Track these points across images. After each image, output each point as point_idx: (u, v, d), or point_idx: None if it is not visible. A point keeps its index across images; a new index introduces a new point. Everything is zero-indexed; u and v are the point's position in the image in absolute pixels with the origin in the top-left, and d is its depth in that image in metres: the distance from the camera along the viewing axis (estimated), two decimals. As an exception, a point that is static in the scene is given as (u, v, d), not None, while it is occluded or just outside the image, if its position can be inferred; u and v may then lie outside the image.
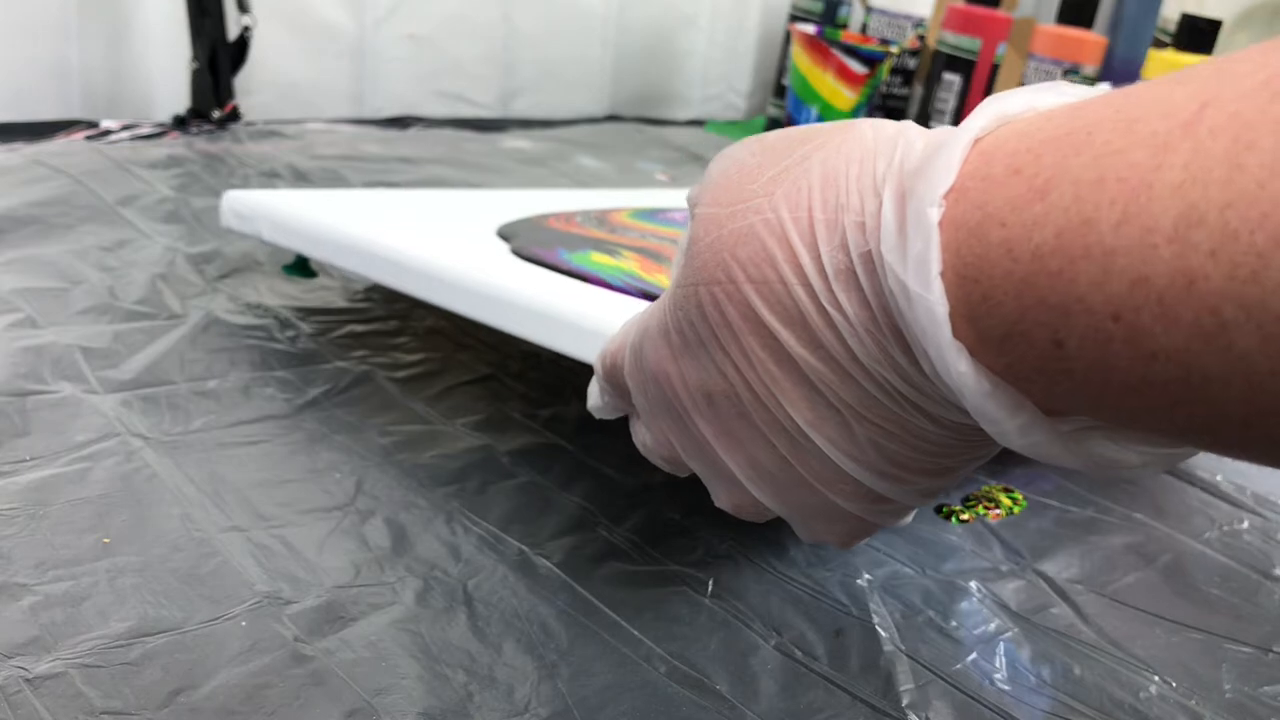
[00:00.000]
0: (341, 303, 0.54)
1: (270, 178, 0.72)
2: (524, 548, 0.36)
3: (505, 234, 0.48)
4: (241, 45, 0.82)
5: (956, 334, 0.19)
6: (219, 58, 0.81)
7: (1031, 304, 0.17)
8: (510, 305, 0.37)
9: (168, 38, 0.80)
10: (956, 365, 0.19)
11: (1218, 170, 0.15)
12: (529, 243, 0.46)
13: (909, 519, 0.26)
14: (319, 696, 0.28)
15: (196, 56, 0.81)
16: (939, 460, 0.23)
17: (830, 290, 0.21)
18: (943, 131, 0.20)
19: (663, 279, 0.41)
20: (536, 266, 0.42)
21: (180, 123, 0.81)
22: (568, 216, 0.52)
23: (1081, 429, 0.20)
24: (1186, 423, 0.17)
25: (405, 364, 0.48)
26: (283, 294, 0.54)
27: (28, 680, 0.27)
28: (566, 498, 0.39)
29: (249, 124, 0.84)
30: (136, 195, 0.64)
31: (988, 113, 0.19)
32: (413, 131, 0.92)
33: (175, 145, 0.76)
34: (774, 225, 0.21)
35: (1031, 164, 0.18)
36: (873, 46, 0.86)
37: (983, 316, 0.18)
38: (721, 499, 0.26)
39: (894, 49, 0.87)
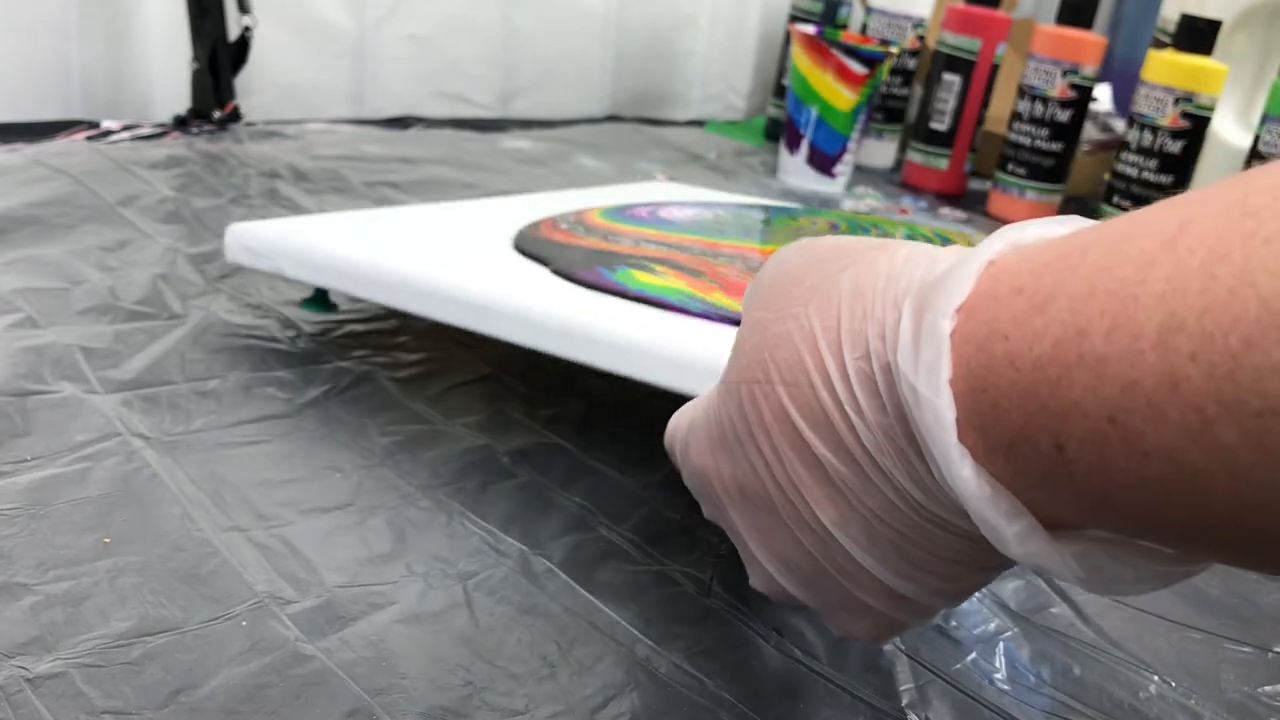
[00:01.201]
0: (341, 302, 0.54)
1: (271, 178, 0.72)
2: (524, 548, 0.36)
3: (524, 249, 0.47)
4: (242, 45, 0.82)
5: (964, 441, 0.20)
6: (219, 58, 0.81)
7: (1034, 411, 0.19)
8: (600, 341, 0.37)
9: (168, 38, 0.80)
10: (960, 469, 0.20)
11: (1195, 281, 0.16)
12: (566, 263, 0.45)
13: (935, 620, 0.27)
14: (319, 696, 0.28)
15: (197, 57, 0.81)
16: (955, 568, 0.24)
17: (853, 396, 0.22)
18: (963, 253, 0.22)
19: (720, 297, 0.41)
20: (588, 290, 0.42)
21: (181, 123, 0.81)
22: (555, 223, 0.52)
23: (1084, 544, 0.21)
24: (1181, 521, 0.18)
25: (405, 364, 0.48)
26: (283, 294, 0.54)
27: (28, 680, 0.27)
28: (566, 498, 0.39)
29: (249, 124, 0.84)
30: (137, 195, 0.64)
31: (1004, 239, 0.21)
32: (413, 132, 0.92)
33: (176, 145, 0.76)
34: (807, 332, 0.23)
35: (1032, 283, 0.19)
36: (873, 47, 0.86)
37: (990, 425, 0.20)
38: (757, 582, 0.28)
39: (894, 49, 0.87)
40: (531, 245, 0.48)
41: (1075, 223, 0.21)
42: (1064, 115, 0.86)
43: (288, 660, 0.29)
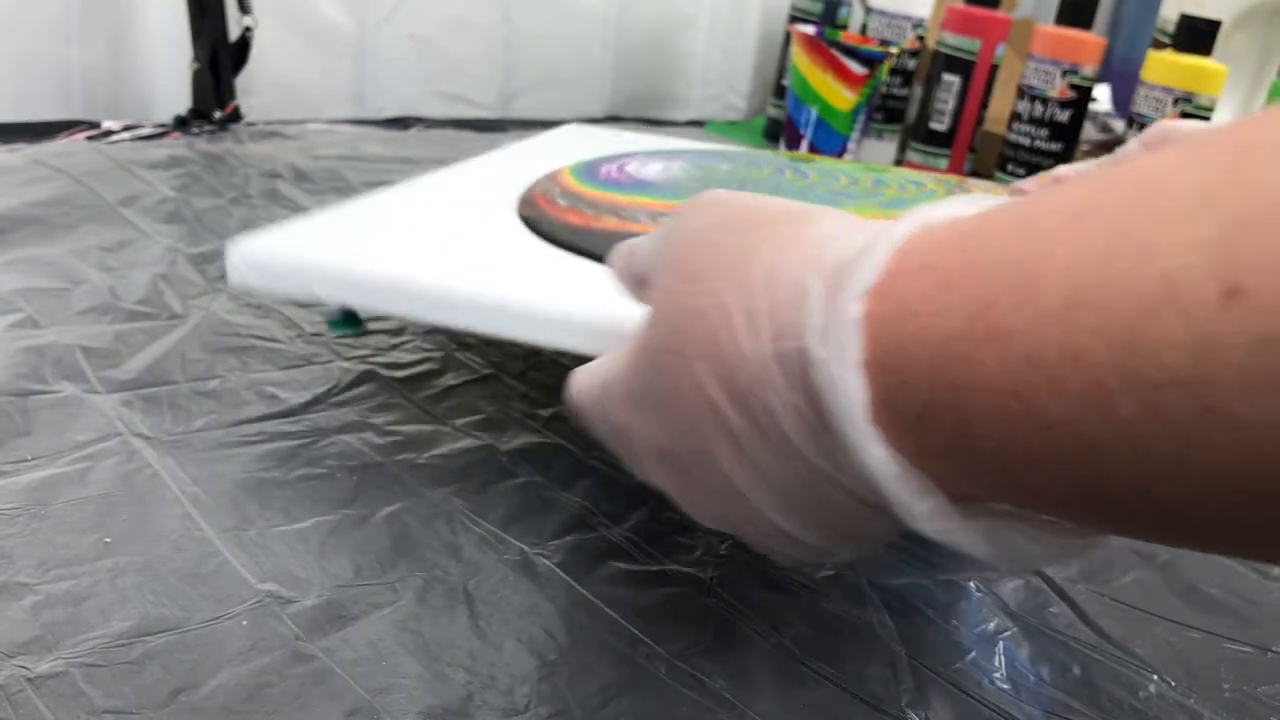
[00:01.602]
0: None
1: (271, 178, 0.72)
2: (524, 547, 0.36)
3: (546, 233, 0.45)
4: (242, 46, 0.82)
5: (875, 421, 0.20)
6: (220, 58, 0.81)
7: (942, 387, 0.19)
8: None
9: (169, 38, 0.80)
10: (872, 449, 0.20)
11: (1097, 256, 0.17)
12: (596, 251, 0.41)
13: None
14: (320, 696, 0.28)
15: (197, 57, 0.81)
16: (867, 532, 0.25)
17: (768, 376, 0.22)
18: (878, 231, 0.22)
19: None
20: None
21: (181, 123, 0.81)
22: (547, 196, 0.48)
23: (990, 520, 0.21)
24: (1083, 494, 0.18)
25: (405, 363, 0.48)
26: (283, 294, 0.54)
27: (29, 679, 0.27)
28: (566, 498, 0.39)
29: (250, 124, 0.84)
30: (138, 195, 0.64)
31: (913, 220, 0.22)
32: (413, 132, 0.92)
33: (176, 146, 0.76)
34: (724, 310, 0.23)
35: (942, 261, 0.20)
36: (872, 47, 0.86)
37: (899, 400, 0.20)
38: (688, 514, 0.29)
39: (893, 50, 0.87)
40: (549, 228, 0.45)
41: (985, 202, 0.22)
42: (1063, 115, 0.86)
43: (288, 660, 0.29)
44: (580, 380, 0.30)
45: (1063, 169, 0.60)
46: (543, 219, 0.46)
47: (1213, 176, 0.16)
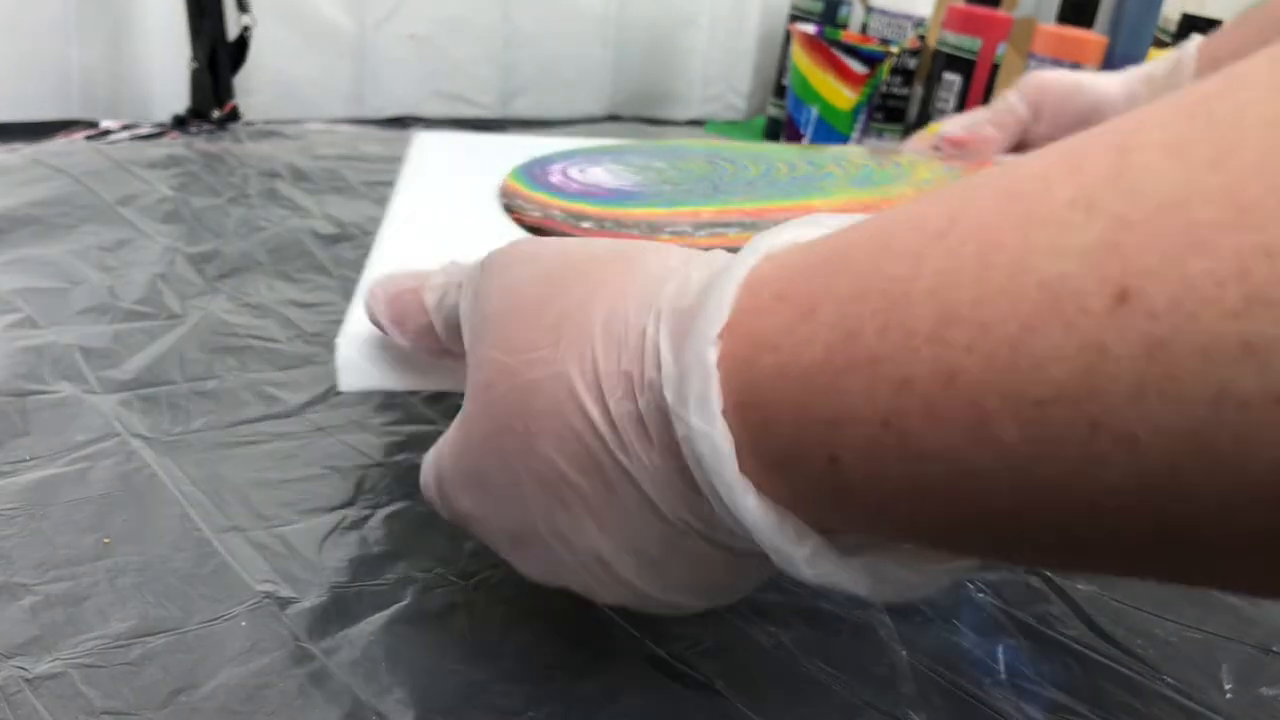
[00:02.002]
0: (341, 301, 0.54)
1: (270, 177, 0.72)
2: (524, 548, 0.36)
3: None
4: (241, 45, 0.82)
5: (742, 468, 0.19)
6: (219, 57, 0.81)
7: (807, 423, 0.18)
8: None
9: (167, 37, 0.80)
10: (743, 499, 0.19)
11: (968, 271, 0.16)
12: None
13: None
14: (319, 696, 0.28)
15: (196, 56, 0.81)
16: (743, 580, 0.24)
17: (620, 440, 0.21)
18: (718, 262, 0.21)
19: None
20: None
21: (180, 122, 0.81)
22: (512, 204, 0.44)
23: (868, 558, 0.20)
24: (961, 524, 0.17)
25: (405, 364, 0.48)
26: (282, 294, 0.54)
27: (27, 680, 0.27)
28: (566, 498, 0.39)
29: (249, 124, 0.84)
30: (136, 195, 0.64)
31: (756, 250, 0.20)
32: (413, 132, 0.92)
33: (175, 145, 0.76)
34: (563, 379, 0.22)
35: (794, 290, 0.19)
36: (873, 46, 0.86)
37: (763, 442, 0.19)
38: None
39: (894, 49, 0.87)
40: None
41: (827, 223, 0.21)
42: None
43: (288, 660, 0.29)
44: (424, 464, 0.28)
45: (947, 123, 0.60)
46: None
47: (1090, 181, 0.15)
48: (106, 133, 0.77)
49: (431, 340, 0.27)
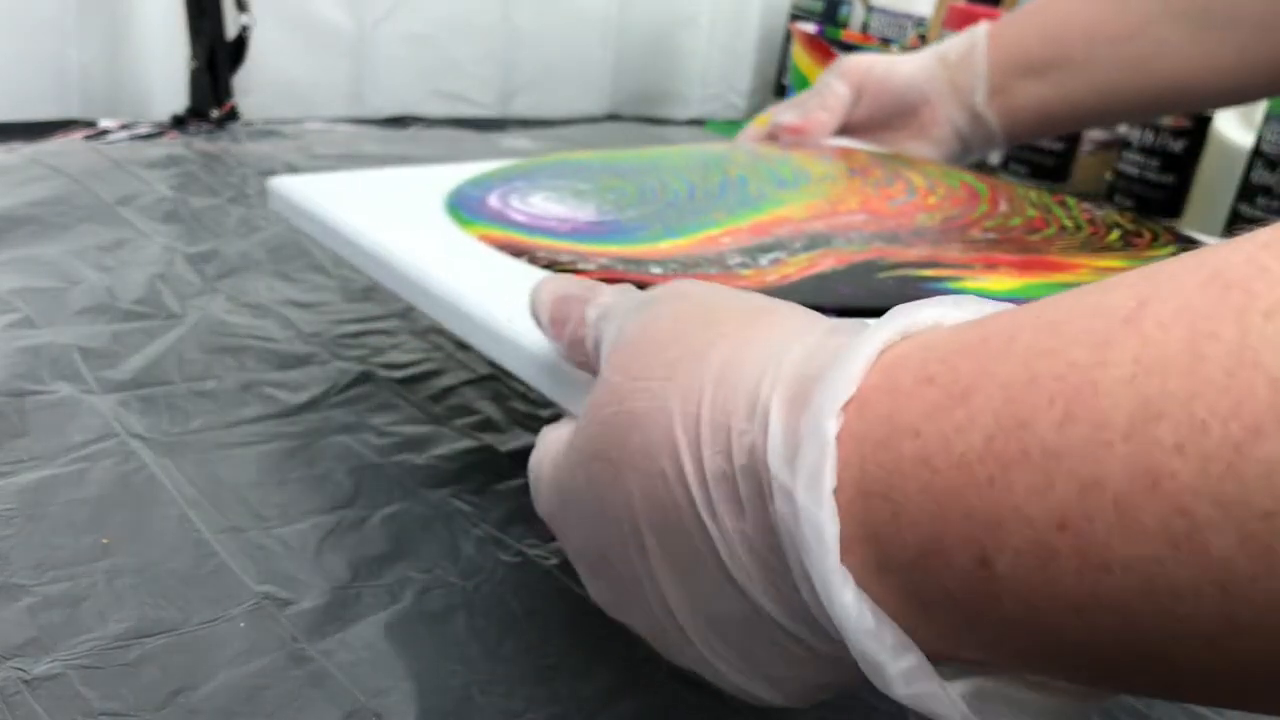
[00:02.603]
0: (340, 302, 0.54)
1: (269, 177, 0.72)
2: (524, 549, 0.35)
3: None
4: (240, 44, 0.82)
5: (847, 558, 0.17)
6: (217, 57, 0.81)
7: (955, 518, 0.16)
8: None
9: (166, 37, 0.80)
10: (840, 595, 0.17)
11: (1177, 361, 0.14)
12: None
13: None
14: (318, 697, 0.28)
15: (195, 56, 0.80)
16: (819, 682, 0.21)
17: (708, 497, 0.19)
18: (846, 333, 0.19)
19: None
20: None
21: (179, 122, 0.81)
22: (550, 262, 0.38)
23: (971, 682, 0.18)
24: (1142, 650, 0.15)
25: (405, 364, 0.48)
26: (281, 294, 0.54)
27: (26, 681, 0.27)
28: (566, 498, 0.39)
29: (247, 123, 0.84)
30: (135, 195, 0.64)
31: (893, 326, 0.19)
32: (412, 131, 0.91)
33: (174, 145, 0.76)
34: (663, 415, 0.20)
35: (946, 373, 0.17)
36: (873, 46, 0.86)
37: (889, 536, 0.17)
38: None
39: (895, 48, 0.87)
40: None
41: (975, 305, 0.19)
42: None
43: (286, 661, 0.29)
44: (536, 453, 0.27)
45: (778, 111, 0.61)
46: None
47: None
48: (105, 132, 0.77)
49: (581, 353, 0.26)
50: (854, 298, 0.34)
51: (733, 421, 0.19)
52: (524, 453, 0.41)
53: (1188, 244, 0.45)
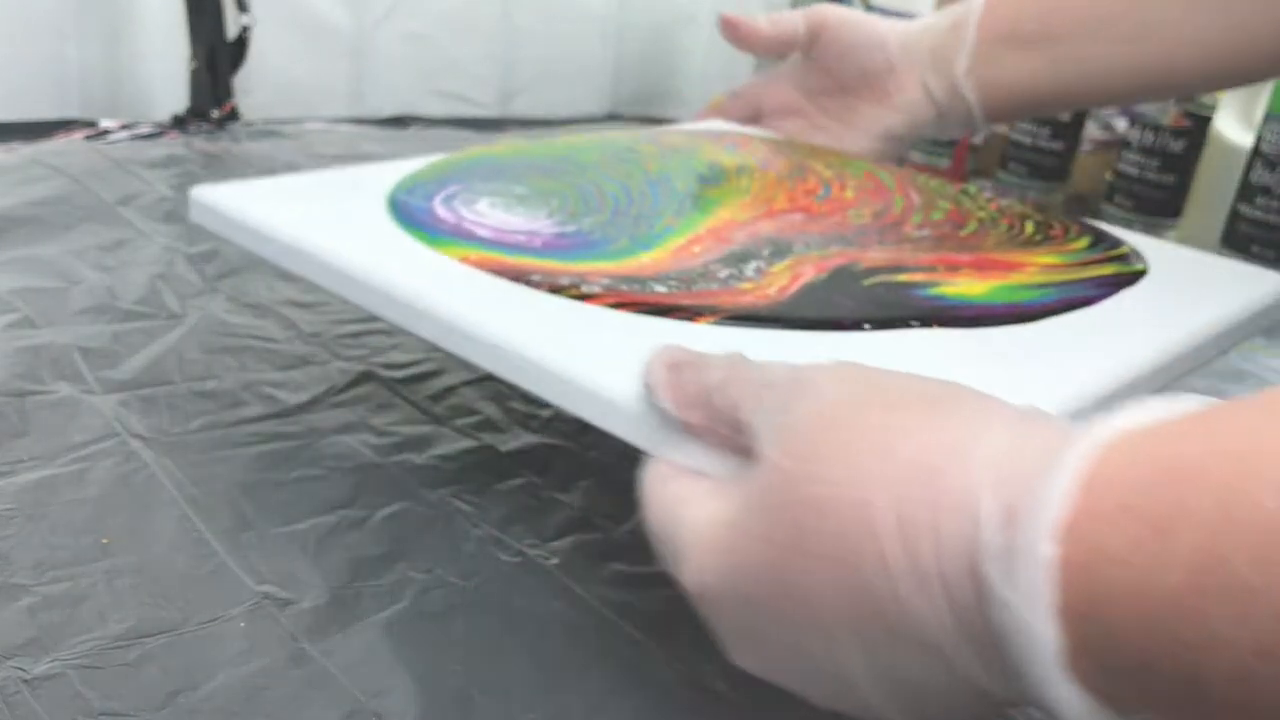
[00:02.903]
0: (340, 302, 0.54)
1: (270, 176, 0.72)
2: (524, 548, 0.36)
3: None
4: (240, 44, 0.82)
5: (1065, 662, 0.19)
6: (218, 57, 0.81)
7: (1165, 642, 0.17)
8: None
9: (166, 37, 0.80)
10: (1059, 689, 0.19)
11: None
12: None
13: None
14: (318, 697, 0.28)
15: (195, 56, 0.80)
16: (982, 714, 0.23)
17: (915, 586, 0.20)
18: (1037, 429, 0.20)
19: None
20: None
21: (179, 122, 0.81)
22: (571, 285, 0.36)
23: None
24: None
25: (405, 363, 0.48)
26: (281, 294, 0.54)
27: (26, 681, 0.27)
28: (566, 498, 0.39)
29: (248, 123, 0.84)
30: (135, 195, 0.64)
31: (1095, 438, 0.20)
32: (412, 131, 0.91)
33: (174, 145, 0.76)
34: (857, 508, 0.21)
35: (1144, 501, 0.18)
36: (873, 45, 0.86)
37: (1105, 650, 0.18)
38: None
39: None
40: None
41: (1155, 408, 0.20)
42: (1065, 114, 0.86)
43: (286, 661, 0.29)
44: (659, 499, 0.27)
45: (723, 97, 0.60)
46: None
47: None
48: (106, 132, 0.77)
49: (698, 415, 0.27)
50: (859, 310, 0.35)
51: (940, 522, 0.20)
52: (524, 452, 0.41)
53: (1099, 237, 0.46)
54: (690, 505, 0.26)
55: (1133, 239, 0.46)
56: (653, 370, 0.28)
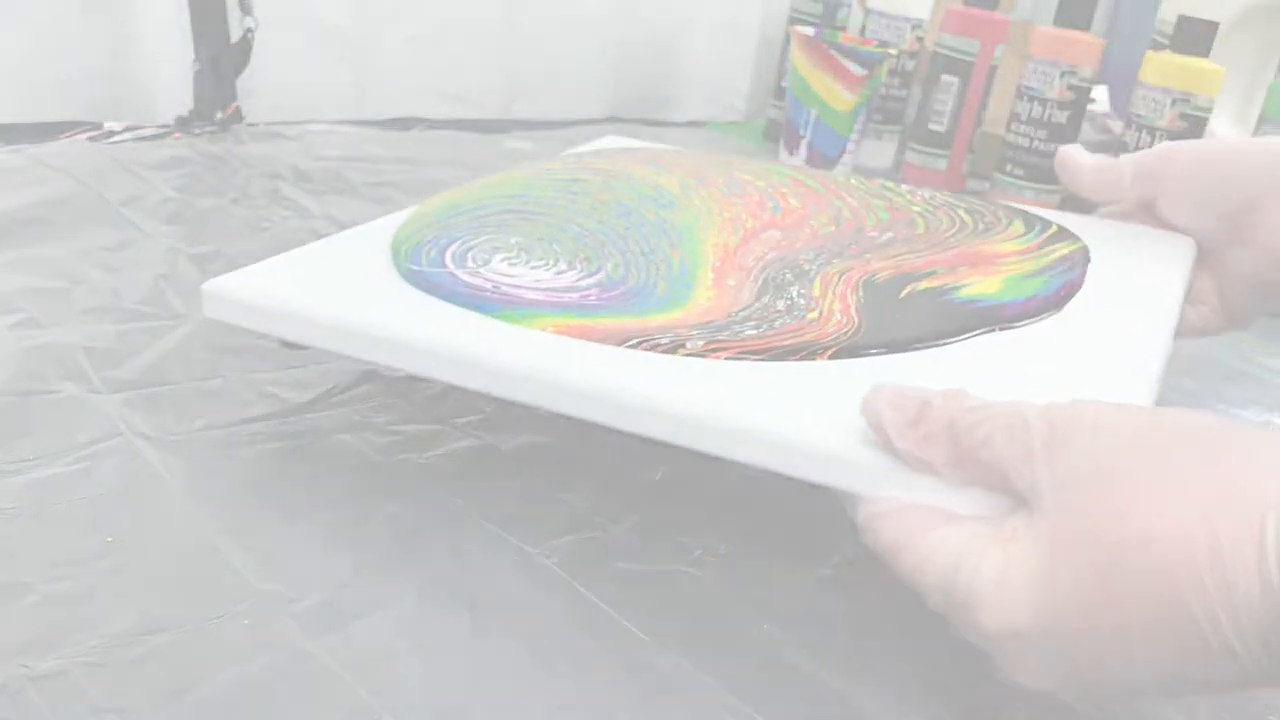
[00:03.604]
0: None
1: (272, 178, 0.72)
2: (525, 547, 0.36)
3: None
4: (244, 47, 0.82)
5: None
6: (221, 59, 0.82)
7: None
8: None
9: (170, 39, 0.80)
10: None
11: None
12: None
13: None
14: (321, 695, 0.28)
15: (199, 58, 0.81)
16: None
17: (1226, 606, 0.22)
18: None
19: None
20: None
21: (183, 124, 0.81)
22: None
23: None
24: None
25: (406, 364, 0.48)
26: (284, 295, 0.54)
27: (31, 679, 0.28)
28: (567, 497, 0.39)
29: (251, 125, 0.84)
30: (139, 196, 0.65)
31: None
32: (414, 133, 0.92)
33: (178, 146, 0.76)
34: (1181, 543, 0.23)
35: None
36: (871, 48, 0.86)
37: None
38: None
39: (892, 51, 0.87)
40: None
41: None
42: (1061, 117, 0.86)
43: (289, 659, 0.29)
44: (949, 565, 0.27)
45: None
46: None
47: None
48: (110, 134, 0.77)
49: (933, 450, 0.28)
50: (927, 324, 0.36)
51: (1241, 543, 0.22)
52: (525, 451, 0.42)
53: (1025, 216, 0.47)
54: (973, 554, 0.27)
55: (1044, 214, 0.48)
56: (879, 412, 0.29)
